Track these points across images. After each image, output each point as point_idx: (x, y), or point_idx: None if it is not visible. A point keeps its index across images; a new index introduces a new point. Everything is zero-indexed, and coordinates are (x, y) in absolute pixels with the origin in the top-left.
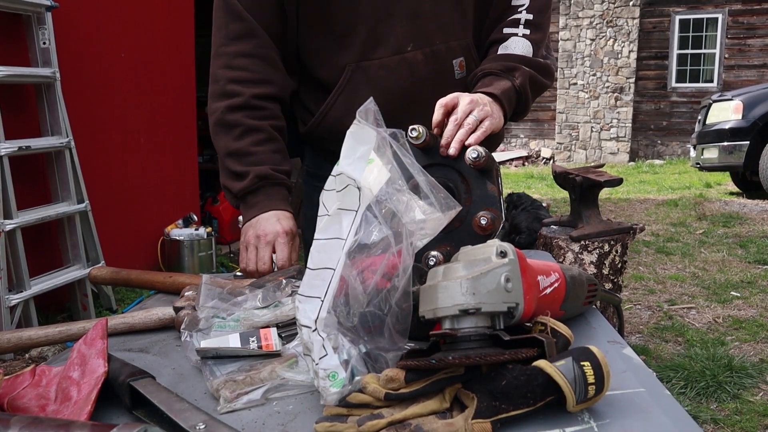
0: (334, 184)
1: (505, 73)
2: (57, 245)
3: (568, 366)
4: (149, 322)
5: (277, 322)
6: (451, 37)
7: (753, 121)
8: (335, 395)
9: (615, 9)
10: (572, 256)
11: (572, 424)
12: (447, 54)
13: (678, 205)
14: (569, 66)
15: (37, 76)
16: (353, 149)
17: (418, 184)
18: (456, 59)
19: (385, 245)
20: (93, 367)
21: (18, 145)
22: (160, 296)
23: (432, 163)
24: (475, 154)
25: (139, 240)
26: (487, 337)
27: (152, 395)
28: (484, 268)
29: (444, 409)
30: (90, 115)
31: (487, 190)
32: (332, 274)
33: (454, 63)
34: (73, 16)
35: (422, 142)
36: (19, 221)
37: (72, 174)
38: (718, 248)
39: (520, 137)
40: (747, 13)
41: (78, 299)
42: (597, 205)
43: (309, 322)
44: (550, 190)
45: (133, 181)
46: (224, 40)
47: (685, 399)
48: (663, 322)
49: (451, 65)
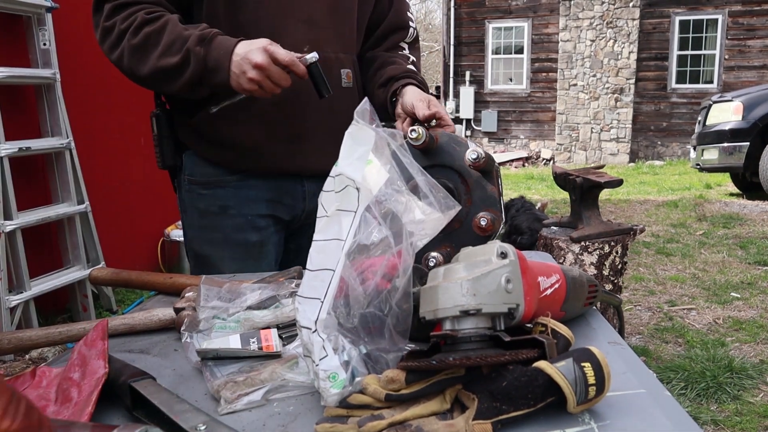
0: (333, 185)
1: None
2: (57, 246)
3: (568, 367)
4: (150, 323)
5: (278, 323)
6: (340, 49)
7: (753, 122)
8: (336, 396)
9: (615, 10)
10: (572, 257)
11: (573, 425)
12: (336, 63)
13: (678, 206)
14: (569, 67)
15: (38, 77)
16: (352, 150)
17: (417, 185)
18: (344, 69)
19: (384, 246)
20: (93, 368)
21: (18, 146)
22: (161, 297)
23: (431, 164)
24: (475, 155)
25: (140, 241)
26: (487, 338)
27: (153, 396)
28: (484, 269)
29: (444, 410)
30: (90, 116)
31: (487, 191)
32: (332, 275)
33: (342, 72)
34: (74, 17)
35: (422, 143)
36: (19, 222)
37: (72, 175)
38: (718, 249)
39: (520, 138)
40: (747, 14)
41: (78, 300)
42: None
43: (309, 323)
44: (551, 191)
45: (134, 181)
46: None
47: (685, 400)
48: (663, 323)
49: (340, 74)
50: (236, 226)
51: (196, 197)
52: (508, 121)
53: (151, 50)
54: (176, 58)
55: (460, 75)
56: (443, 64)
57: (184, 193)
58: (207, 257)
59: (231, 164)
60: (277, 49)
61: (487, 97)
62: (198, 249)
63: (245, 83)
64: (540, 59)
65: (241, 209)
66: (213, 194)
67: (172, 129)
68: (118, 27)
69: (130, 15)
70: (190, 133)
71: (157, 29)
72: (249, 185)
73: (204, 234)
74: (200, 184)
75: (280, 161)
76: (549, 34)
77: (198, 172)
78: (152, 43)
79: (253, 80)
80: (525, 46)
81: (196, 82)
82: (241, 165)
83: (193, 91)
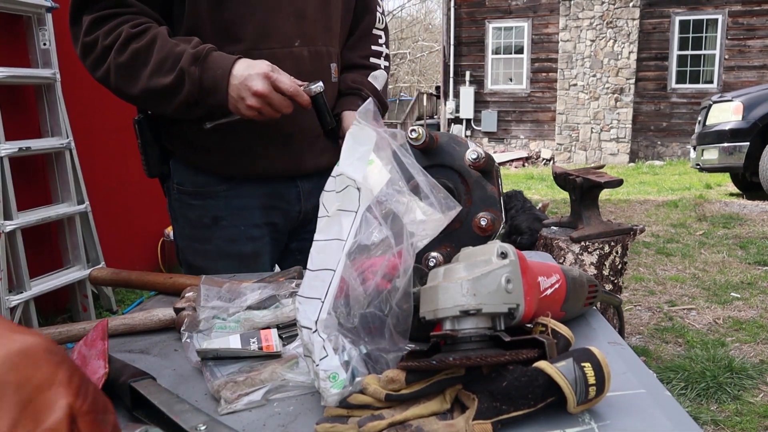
0: (334, 185)
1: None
2: (57, 246)
3: (568, 367)
4: (150, 323)
5: (278, 323)
6: (329, 42)
7: (753, 122)
8: (336, 396)
9: (615, 10)
10: (572, 257)
11: (573, 425)
12: (327, 56)
13: (678, 206)
14: (569, 67)
15: (38, 77)
16: (353, 150)
17: (418, 185)
18: (332, 63)
19: (385, 246)
20: (93, 368)
21: (18, 146)
22: (161, 297)
23: (432, 164)
24: (475, 155)
25: (140, 241)
26: (487, 338)
27: (153, 396)
28: (484, 269)
29: (445, 410)
30: (90, 116)
31: (487, 191)
32: (332, 275)
33: (331, 66)
34: None
35: (422, 143)
36: (19, 222)
37: (72, 175)
38: (718, 249)
39: (520, 138)
40: (747, 14)
41: (78, 300)
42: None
43: (309, 324)
44: (551, 191)
45: (133, 181)
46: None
47: (685, 400)
48: (663, 323)
49: (329, 68)
50: (229, 238)
51: (187, 207)
52: (508, 121)
53: (140, 69)
54: (169, 79)
55: (460, 75)
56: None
57: (174, 201)
58: (200, 268)
59: (221, 170)
60: (279, 76)
61: (487, 97)
62: (191, 260)
63: (244, 109)
64: (540, 59)
65: (234, 220)
66: (204, 205)
67: (156, 135)
68: (101, 43)
69: (113, 29)
70: (175, 140)
71: (145, 45)
72: (241, 194)
73: (196, 245)
74: (190, 194)
75: (274, 163)
76: (549, 34)
77: (187, 180)
78: (141, 62)
79: (252, 107)
80: (525, 46)
81: (192, 103)
82: (232, 170)
83: (188, 112)
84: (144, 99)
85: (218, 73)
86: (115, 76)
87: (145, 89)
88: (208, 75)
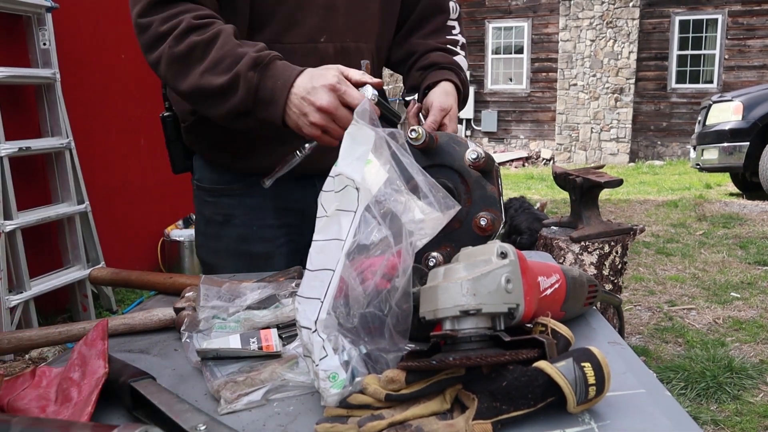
0: (333, 185)
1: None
2: (57, 246)
3: (568, 367)
4: (150, 323)
5: (278, 323)
6: (361, 38)
7: (753, 122)
8: (336, 396)
9: (615, 10)
10: (572, 256)
11: (573, 425)
12: (356, 53)
13: (678, 206)
14: (569, 67)
15: (38, 77)
16: (351, 150)
17: (417, 185)
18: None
19: (384, 246)
20: (93, 368)
21: (18, 146)
22: (161, 297)
23: (431, 164)
24: (475, 155)
25: (140, 241)
26: (487, 338)
27: (153, 396)
28: (484, 269)
29: (445, 410)
30: (90, 116)
31: (487, 191)
32: (331, 275)
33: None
34: (73, 17)
35: (421, 143)
36: (19, 222)
37: (72, 175)
38: (718, 249)
39: (520, 138)
40: (747, 14)
41: (78, 300)
42: (597, 206)
43: (309, 324)
44: (551, 191)
45: (134, 181)
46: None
47: (685, 400)
48: (663, 323)
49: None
50: (240, 237)
51: (202, 204)
52: (508, 121)
53: (194, 64)
54: (222, 79)
55: None
56: None
57: (195, 197)
58: (212, 266)
59: (236, 168)
60: (348, 89)
61: (487, 97)
62: (204, 257)
63: (305, 127)
64: (540, 59)
65: (246, 219)
66: (217, 202)
67: (179, 132)
68: (156, 28)
69: (173, 17)
70: (192, 136)
71: (205, 40)
72: (254, 193)
73: (208, 242)
74: (206, 190)
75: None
76: (549, 34)
77: (205, 177)
78: (197, 56)
79: (315, 125)
80: (525, 46)
81: (243, 113)
82: (247, 168)
83: (237, 121)
84: (192, 97)
85: (278, 84)
86: (166, 66)
87: (194, 86)
88: (266, 84)
